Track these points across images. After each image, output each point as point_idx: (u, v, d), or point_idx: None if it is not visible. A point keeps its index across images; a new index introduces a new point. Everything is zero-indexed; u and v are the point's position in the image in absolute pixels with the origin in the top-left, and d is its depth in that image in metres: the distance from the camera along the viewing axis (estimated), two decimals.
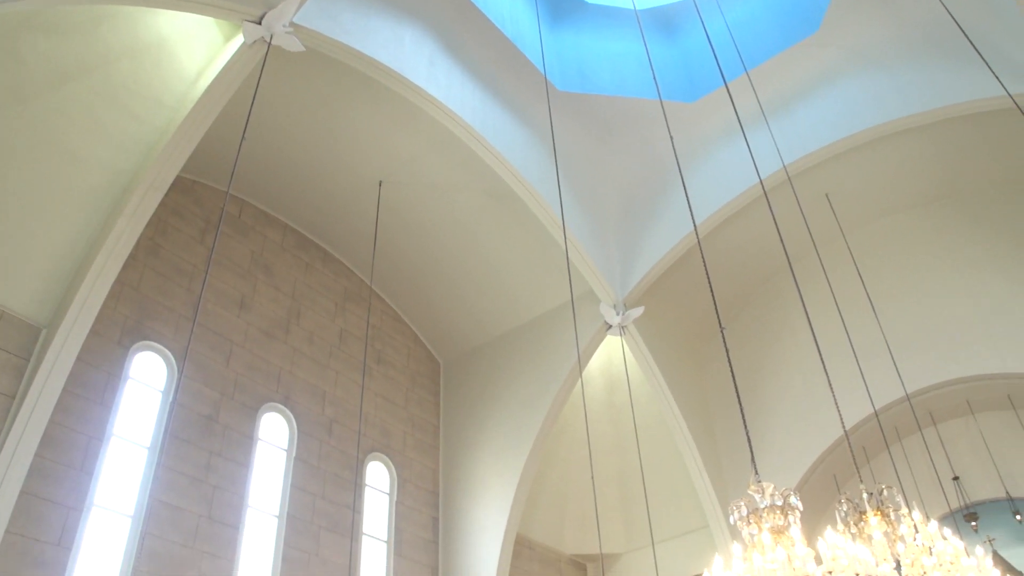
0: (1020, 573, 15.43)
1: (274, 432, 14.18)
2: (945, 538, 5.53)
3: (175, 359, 12.86)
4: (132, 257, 12.29)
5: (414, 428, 17.04)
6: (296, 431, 14.37)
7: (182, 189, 14.00)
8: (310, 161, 15.00)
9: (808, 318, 8.76)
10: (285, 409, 14.38)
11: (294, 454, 14.17)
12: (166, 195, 12.03)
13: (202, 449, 12.63)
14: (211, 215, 14.41)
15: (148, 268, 13.05)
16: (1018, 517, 15.51)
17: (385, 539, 15.44)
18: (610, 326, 16.06)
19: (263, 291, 14.92)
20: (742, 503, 4.75)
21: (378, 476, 15.96)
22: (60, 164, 10.97)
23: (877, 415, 11.86)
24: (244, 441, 13.37)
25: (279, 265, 15.52)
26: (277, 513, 13.54)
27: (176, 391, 12.48)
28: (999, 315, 15.18)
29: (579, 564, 19.32)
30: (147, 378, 12.58)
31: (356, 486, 14.86)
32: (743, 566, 4.43)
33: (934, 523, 5.71)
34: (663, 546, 16.37)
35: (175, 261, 13.52)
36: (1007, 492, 15.76)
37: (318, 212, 16.09)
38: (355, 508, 14.63)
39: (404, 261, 17.03)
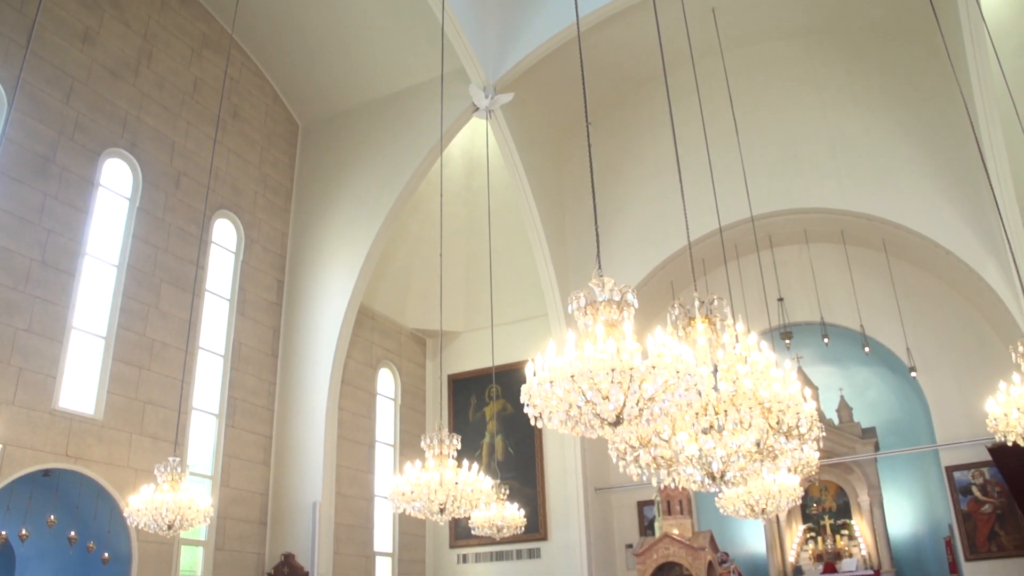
0: (816, 388, 17.07)
1: (117, 179, 13.53)
2: (760, 351, 5.95)
3: (5, 91, 11.83)
4: None
5: (266, 189, 16.65)
6: (141, 180, 13.76)
7: None
8: None
9: (673, 129, 8.86)
10: (130, 156, 13.68)
11: (137, 204, 13.64)
12: None
13: (36, 190, 11.95)
14: None
15: None
16: (825, 340, 16.93)
17: (228, 297, 15.39)
18: (477, 108, 15.83)
19: (111, 26, 13.73)
20: (581, 294, 4.92)
21: (225, 234, 15.68)
22: None
23: (721, 231, 12.39)
24: (83, 185, 12.72)
25: None
26: (116, 263, 13.18)
27: (5, 126, 11.56)
28: (848, 155, 16.08)
29: (419, 338, 19.98)
30: None
31: (201, 242, 14.58)
32: (574, 353, 4.64)
33: (754, 336, 6.12)
34: (501, 329, 17.07)
35: None
36: (821, 317, 17.13)
37: None
38: (199, 264, 14.41)
39: (270, 12, 15.95)
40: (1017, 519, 15.34)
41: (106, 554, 11.68)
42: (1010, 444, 7.92)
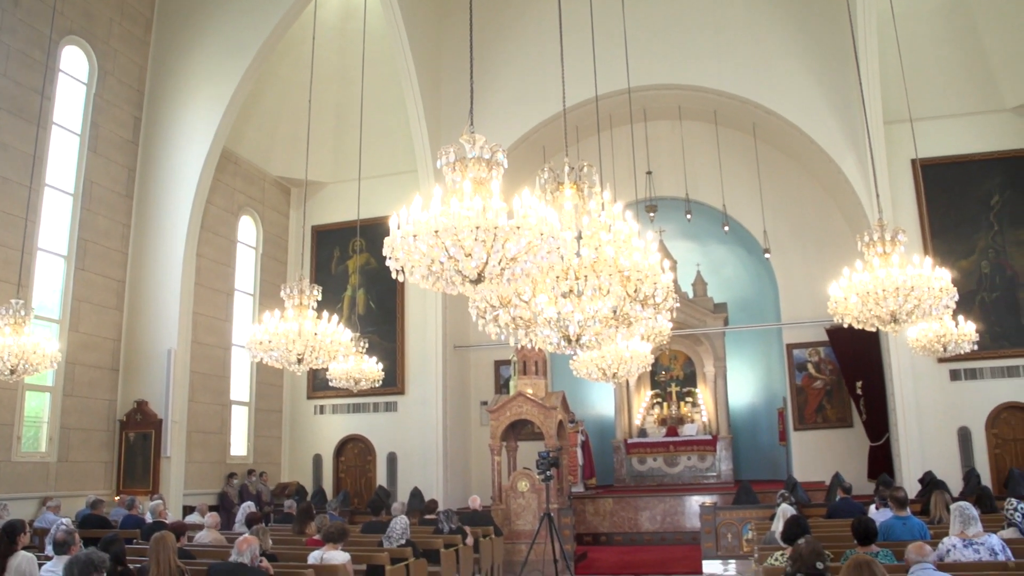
0: (675, 261, 17.64)
1: None
2: (625, 220, 6.01)
3: None
4: None
5: (123, 17, 15.41)
6: None
7: None
8: None
9: None
10: None
11: None
12: None
13: None
14: None
15: None
16: (688, 216, 17.42)
17: (79, 133, 14.41)
18: None
19: None
20: (451, 149, 4.84)
21: (75, 63, 14.52)
22: None
23: (597, 100, 12.30)
24: None
25: None
26: None
27: None
28: (729, 36, 16.39)
29: (283, 187, 19.39)
30: None
31: (48, 69, 13.44)
32: (440, 208, 4.58)
33: (620, 205, 6.16)
34: (369, 182, 16.72)
35: None
36: (687, 194, 17.55)
37: None
38: (45, 94, 13.35)
39: None
40: (843, 395, 16.65)
41: None
42: (845, 326, 8.48)
